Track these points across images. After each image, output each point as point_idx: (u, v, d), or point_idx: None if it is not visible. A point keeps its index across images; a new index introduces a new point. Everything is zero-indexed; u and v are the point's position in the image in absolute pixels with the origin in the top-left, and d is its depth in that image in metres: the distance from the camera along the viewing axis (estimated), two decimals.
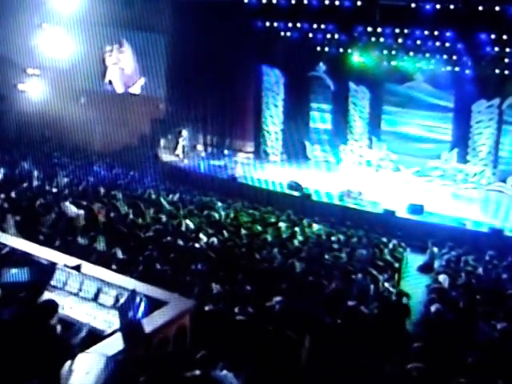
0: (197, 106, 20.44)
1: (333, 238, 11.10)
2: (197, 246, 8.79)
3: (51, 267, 5.21)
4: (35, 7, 18.21)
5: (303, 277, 7.88)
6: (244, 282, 7.09)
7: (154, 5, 19.49)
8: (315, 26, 18.18)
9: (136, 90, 21.12)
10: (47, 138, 18.98)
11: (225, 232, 10.02)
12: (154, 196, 12.69)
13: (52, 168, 14.14)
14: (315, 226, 12.29)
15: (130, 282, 5.17)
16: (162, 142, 20.91)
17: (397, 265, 9.72)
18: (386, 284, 8.32)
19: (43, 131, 18.96)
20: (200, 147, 20.77)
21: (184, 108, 20.09)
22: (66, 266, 5.37)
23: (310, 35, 18.60)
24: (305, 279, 7.83)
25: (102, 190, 11.77)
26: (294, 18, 17.92)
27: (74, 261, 5.45)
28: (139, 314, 4.42)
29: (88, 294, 4.99)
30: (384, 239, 11.49)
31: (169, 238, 8.84)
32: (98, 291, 4.86)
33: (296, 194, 15.18)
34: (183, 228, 9.89)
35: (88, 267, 5.39)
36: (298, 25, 18.46)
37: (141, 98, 20.86)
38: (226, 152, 19.53)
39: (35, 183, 11.89)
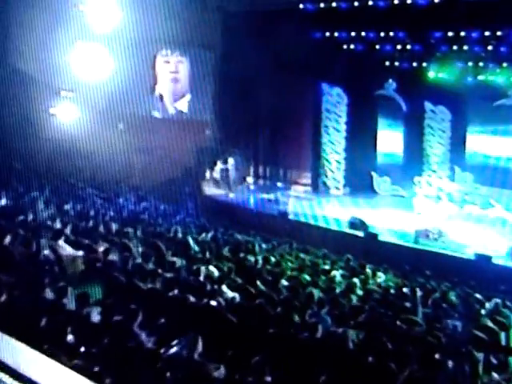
0: (247, 131, 19.49)
1: (406, 293, 8.62)
2: (213, 303, 6.54)
3: None
4: (70, 22, 17.31)
5: (360, 356, 5.51)
6: (264, 366, 4.71)
7: (202, 17, 18.38)
8: (382, 34, 16.12)
9: (183, 106, 20.63)
10: (78, 168, 17.52)
11: (259, 283, 7.81)
12: (181, 234, 10.80)
13: (69, 200, 12.70)
14: (381, 276, 9.99)
15: None
16: (208, 173, 19.63)
17: (503, 336, 6.72)
18: (494, 374, 5.41)
19: (74, 160, 17.52)
20: (250, 179, 19.69)
21: (233, 134, 18.87)
22: None
23: (377, 46, 16.81)
24: (362, 360, 5.43)
25: (114, 227, 10.05)
26: (357, 25, 16.03)
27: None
28: None
29: None
30: (479, 295, 8.70)
31: (176, 292, 6.68)
32: None
33: (359, 233, 13.45)
34: (202, 277, 7.65)
35: None
36: (363, 34, 16.53)
37: (185, 123, 19.73)
38: (279, 184, 18.17)
39: (33, 216, 10.08)
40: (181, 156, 18.56)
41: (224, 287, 7.23)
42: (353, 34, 16.58)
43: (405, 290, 8.83)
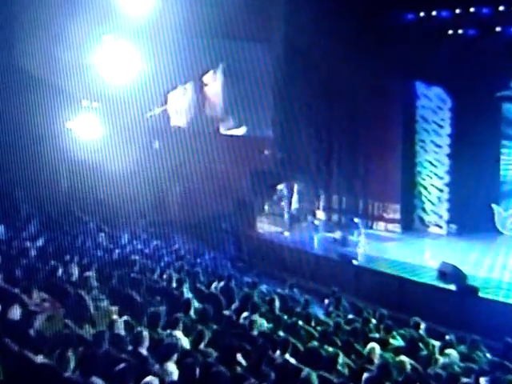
0: (317, 151, 18.42)
1: None
2: None
3: None
4: (96, 15, 16.04)
5: None
6: None
7: (257, 7, 16.94)
8: (502, 8, 14.53)
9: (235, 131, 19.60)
10: (99, 200, 16.55)
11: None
12: (175, 283, 9.59)
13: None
14: (482, 355, 7.56)
15: None
16: (267, 205, 18.16)
17: None
18: None
19: (96, 188, 16.53)
20: (320, 213, 18.16)
21: (298, 154, 18.03)
22: None
23: (498, 29, 15.29)
24: None
25: (77, 271, 8.96)
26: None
27: None
28: None
29: None
30: None
31: None
32: None
33: (450, 287, 11.81)
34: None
35: None
36: (472, 10, 15.09)
37: (237, 140, 18.83)
38: (356, 220, 16.12)
39: None
40: (228, 181, 17.21)
41: None
42: (458, 11, 15.24)
43: None
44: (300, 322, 7.49)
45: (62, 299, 7.55)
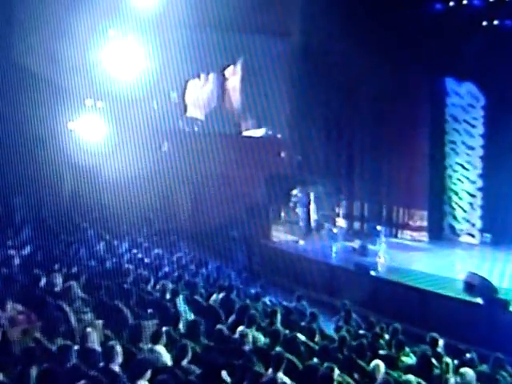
0: (338, 153, 18.31)
1: None
2: None
3: None
4: (100, 8, 15.87)
5: None
6: None
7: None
8: None
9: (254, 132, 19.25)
10: (103, 206, 16.35)
11: None
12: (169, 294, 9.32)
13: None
14: (508, 376, 7.21)
15: None
16: (283, 212, 18.00)
17: None
18: None
19: (99, 193, 16.27)
20: (341, 220, 17.97)
21: (318, 157, 17.97)
22: None
23: None
24: None
25: (60, 281, 8.68)
26: None
27: None
28: None
29: None
30: None
31: None
32: None
33: (477, 300, 11.42)
34: None
35: None
36: None
37: (252, 142, 18.62)
38: (378, 228, 16.16)
39: None
40: (241, 186, 17.19)
41: None
42: None
43: None
44: (302, 337, 7.08)
45: (41, 311, 7.26)
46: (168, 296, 8.98)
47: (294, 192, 16.81)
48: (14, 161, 13.52)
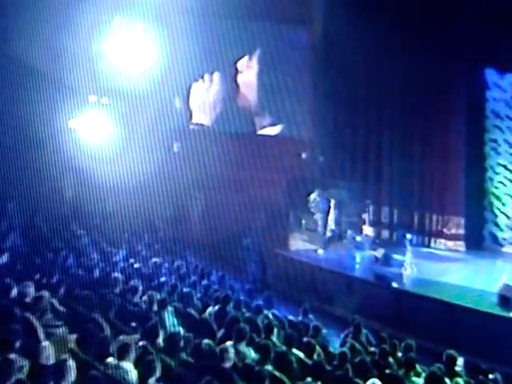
0: (365, 153, 17.83)
1: None
2: None
3: None
4: None
5: None
6: None
7: None
8: None
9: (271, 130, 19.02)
10: (105, 212, 16.09)
11: None
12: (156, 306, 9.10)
13: None
14: None
15: None
16: (304, 219, 17.34)
17: None
18: None
19: (103, 198, 16.04)
20: (367, 228, 17.49)
21: (342, 158, 17.79)
22: None
23: None
24: None
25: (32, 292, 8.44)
26: None
27: None
28: None
29: None
30: None
31: None
32: None
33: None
34: None
35: None
36: None
37: (271, 141, 18.35)
38: (408, 236, 15.28)
39: None
40: (260, 191, 16.93)
41: None
42: None
43: None
44: (300, 353, 6.90)
45: (6, 324, 7.04)
46: (155, 308, 8.80)
47: (313, 196, 16.34)
48: (10, 163, 13.31)
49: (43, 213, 14.34)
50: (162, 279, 11.05)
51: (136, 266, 11.99)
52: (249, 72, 18.81)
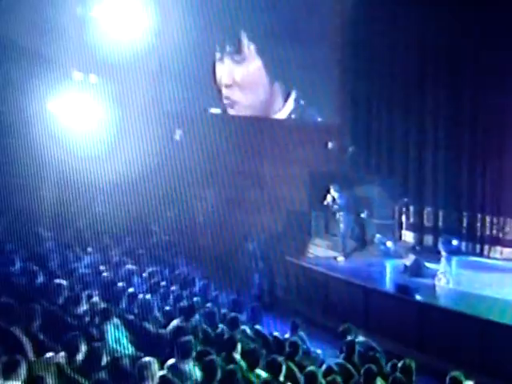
0: (404, 143, 17.14)
1: None
2: None
3: None
4: None
5: None
6: None
7: None
8: None
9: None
10: (91, 213, 15.76)
11: None
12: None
13: None
14: None
15: None
16: (329, 221, 16.88)
17: None
18: None
19: (93, 197, 16.11)
20: (407, 233, 16.79)
21: (377, 148, 17.44)
22: None
23: None
24: None
25: None
26: None
27: None
28: None
29: None
30: None
31: None
32: None
33: None
34: None
35: None
36: None
37: (291, 129, 18.19)
38: (454, 243, 14.60)
39: None
40: (278, 188, 17.18)
41: None
42: None
43: None
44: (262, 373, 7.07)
45: None
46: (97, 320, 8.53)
47: (333, 194, 15.48)
48: None
49: (7, 213, 13.84)
50: (119, 286, 10.60)
51: (104, 274, 11.42)
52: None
